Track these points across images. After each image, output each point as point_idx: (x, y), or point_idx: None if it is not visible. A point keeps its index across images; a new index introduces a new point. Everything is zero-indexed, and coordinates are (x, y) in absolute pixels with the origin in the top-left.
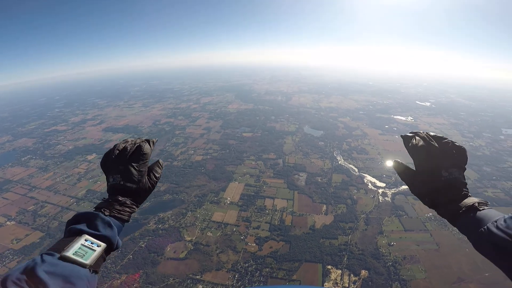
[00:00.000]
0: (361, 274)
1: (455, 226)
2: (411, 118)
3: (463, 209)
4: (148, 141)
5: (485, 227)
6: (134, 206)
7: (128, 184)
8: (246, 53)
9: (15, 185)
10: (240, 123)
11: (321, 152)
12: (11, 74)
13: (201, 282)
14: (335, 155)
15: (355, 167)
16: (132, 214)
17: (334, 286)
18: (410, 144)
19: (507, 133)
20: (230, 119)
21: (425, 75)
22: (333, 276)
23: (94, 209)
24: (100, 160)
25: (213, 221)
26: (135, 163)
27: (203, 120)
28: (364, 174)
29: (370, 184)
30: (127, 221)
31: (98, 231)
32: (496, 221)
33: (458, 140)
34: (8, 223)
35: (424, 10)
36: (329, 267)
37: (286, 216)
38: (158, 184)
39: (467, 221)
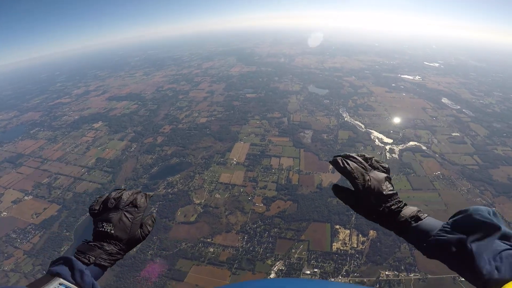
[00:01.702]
0: (370, 235)
1: (401, 236)
2: (419, 77)
3: (409, 220)
4: (144, 194)
5: (435, 237)
6: (119, 256)
7: (119, 235)
8: (245, 19)
9: (27, 158)
10: (243, 85)
11: (327, 110)
12: (10, 53)
13: (212, 245)
14: (340, 112)
15: (361, 123)
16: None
17: (343, 246)
18: (342, 167)
19: None
20: (233, 82)
21: (435, 37)
22: (341, 236)
23: (75, 251)
24: (90, 204)
25: (221, 183)
26: (129, 214)
27: (206, 84)
28: (371, 130)
29: (377, 140)
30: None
31: (74, 277)
32: (439, 231)
33: (468, 98)
34: (26, 197)
35: None
36: (337, 226)
37: (292, 175)
38: (165, 147)
39: (416, 231)
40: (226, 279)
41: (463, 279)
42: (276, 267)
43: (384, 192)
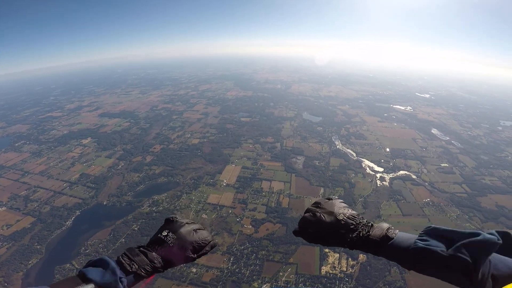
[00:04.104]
0: (359, 258)
1: (379, 256)
2: (410, 107)
3: (380, 241)
4: (214, 243)
5: (414, 248)
6: (161, 270)
7: (174, 251)
8: (246, 44)
9: (8, 170)
10: (238, 109)
11: (319, 136)
12: (7, 64)
13: (195, 265)
14: (333, 139)
15: (353, 151)
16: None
17: (332, 270)
18: (301, 231)
19: (505, 124)
20: (228, 105)
21: (426, 70)
22: (330, 259)
23: (123, 253)
24: (174, 214)
25: (209, 203)
26: (195, 249)
27: (201, 106)
28: (362, 159)
29: (368, 169)
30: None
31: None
32: (417, 240)
33: (457, 129)
34: None
35: (422, 8)
36: (327, 250)
37: (283, 198)
38: (153, 166)
39: (393, 248)
40: None
41: None
42: None
43: (342, 222)
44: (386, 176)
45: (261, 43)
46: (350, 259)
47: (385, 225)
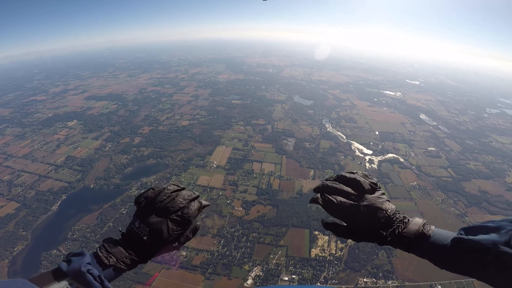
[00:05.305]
0: (348, 241)
1: (411, 253)
2: (400, 93)
3: (415, 238)
4: (200, 203)
5: (455, 239)
6: (142, 262)
7: (151, 242)
8: (237, 28)
9: None
10: (229, 92)
11: (310, 119)
12: None
13: (186, 248)
14: (323, 122)
15: (343, 134)
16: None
17: (322, 253)
18: (325, 204)
19: (491, 112)
20: (219, 88)
21: (417, 58)
22: (320, 242)
23: (100, 246)
24: (139, 194)
25: (198, 185)
26: (173, 226)
27: (191, 88)
28: (351, 141)
29: (357, 151)
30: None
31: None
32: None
33: (444, 115)
34: None
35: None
36: (316, 232)
37: (273, 180)
38: (142, 148)
39: (428, 246)
40: (199, 284)
41: (440, 286)
42: (254, 272)
43: (382, 220)
44: (374, 158)
45: (252, 27)
46: (339, 242)
47: (420, 221)
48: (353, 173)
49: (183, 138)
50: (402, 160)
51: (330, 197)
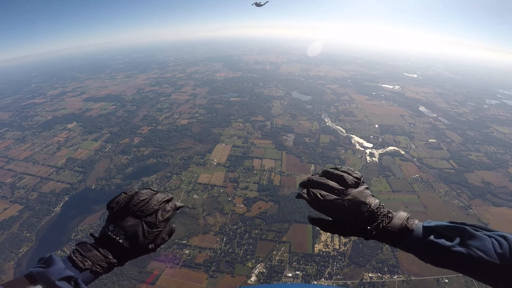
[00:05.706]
0: (351, 236)
1: (396, 247)
2: (398, 86)
3: (399, 232)
4: (174, 205)
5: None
6: (119, 265)
7: (127, 245)
8: (235, 26)
9: None
10: (227, 89)
11: (309, 114)
12: None
13: (188, 247)
14: (322, 117)
15: (342, 128)
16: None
17: (325, 248)
18: (310, 199)
19: (490, 103)
20: (217, 86)
21: (414, 52)
22: (323, 237)
23: (73, 250)
24: (112, 199)
25: (199, 183)
26: (148, 228)
27: (189, 87)
28: (351, 135)
29: (357, 145)
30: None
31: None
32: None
33: (444, 107)
34: None
35: None
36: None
37: (274, 176)
38: (142, 148)
39: (410, 241)
40: (203, 283)
41: (447, 280)
42: (257, 269)
43: (365, 214)
44: (375, 152)
45: (249, 25)
46: (342, 237)
47: (404, 215)
48: (337, 168)
49: (182, 137)
50: (403, 152)
51: (315, 191)
